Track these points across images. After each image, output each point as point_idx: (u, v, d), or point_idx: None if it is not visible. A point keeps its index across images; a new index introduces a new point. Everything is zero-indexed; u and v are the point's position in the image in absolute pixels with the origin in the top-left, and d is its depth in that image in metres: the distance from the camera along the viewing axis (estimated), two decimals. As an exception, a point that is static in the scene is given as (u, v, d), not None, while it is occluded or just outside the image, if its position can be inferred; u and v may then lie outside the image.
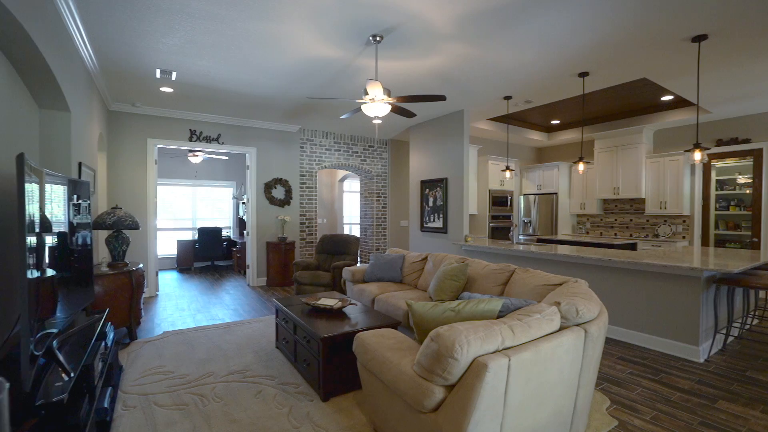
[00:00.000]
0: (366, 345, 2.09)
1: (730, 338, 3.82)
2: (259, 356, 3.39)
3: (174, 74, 4.26)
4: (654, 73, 4.19)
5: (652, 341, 3.57)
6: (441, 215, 6.18)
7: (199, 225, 9.24)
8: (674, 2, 2.79)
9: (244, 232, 7.98)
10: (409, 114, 3.84)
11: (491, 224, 7.22)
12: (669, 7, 2.85)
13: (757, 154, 5.86)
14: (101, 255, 4.70)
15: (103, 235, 4.79)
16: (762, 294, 5.41)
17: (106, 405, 2.14)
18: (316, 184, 7.43)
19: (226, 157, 8.24)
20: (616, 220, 7.51)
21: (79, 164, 3.50)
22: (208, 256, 8.75)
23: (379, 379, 1.93)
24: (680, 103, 6.02)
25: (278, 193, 6.99)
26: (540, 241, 6.55)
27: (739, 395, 2.71)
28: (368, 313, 3.14)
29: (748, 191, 6.23)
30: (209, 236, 8.70)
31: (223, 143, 6.42)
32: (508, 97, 5.09)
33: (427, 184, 6.52)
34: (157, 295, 5.98)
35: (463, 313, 1.89)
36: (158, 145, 5.93)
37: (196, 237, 8.82)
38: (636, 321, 3.70)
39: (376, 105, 3.29)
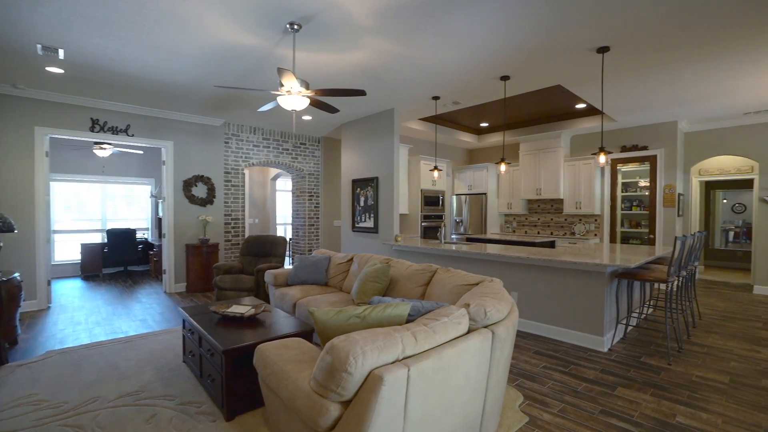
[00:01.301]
0: (266, 358, 1.89)
1: (630, 327, 4.15)
2: (161, 374, 3.02)
3: (61, 52, 3.69)
4: (567, 81, 4.45)
5: (565, 334, 3.76)
6: (372, 215, 6.09)
7: (111, 226, 8.28)
8: (579, 13, 2.93)
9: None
10: (332, 109, 3.68)
11: (423, 224, 7.29)
12: (575, 17, 2.98)
13: (653, 160, 6.51)
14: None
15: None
16: (656, 285, 6.02)
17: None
18: (243, 182, 6.99)
19: (141, 151, 7.46)
20: (539, 219, 7.97)
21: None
22: (121, 261, 7.87)
23: (278, 396, 1.75)
24: (592, 111, 6.52)
25: (199, 191, 6.45)
26: (469, 240, 6.73)
27: (634, 381, 2.91)
28: (284, 320, 2.93)
29: (647, 193, 6.91)
30: (121, 239, 7.82)
31: (133, 135, 5.77)
32: (436, 98, 5.13)
33: (358, 183, 6.40)
34: (48, 307, 5.20)
35: (369, 320, 1.78)
36: (50, 135, 5.16)
37: (106, 240, 7.89)
38: (551, 315, 3.88)
39: (294, 98, 3.09)
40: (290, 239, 8.68)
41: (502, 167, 4.49)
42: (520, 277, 4.11)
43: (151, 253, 7.83)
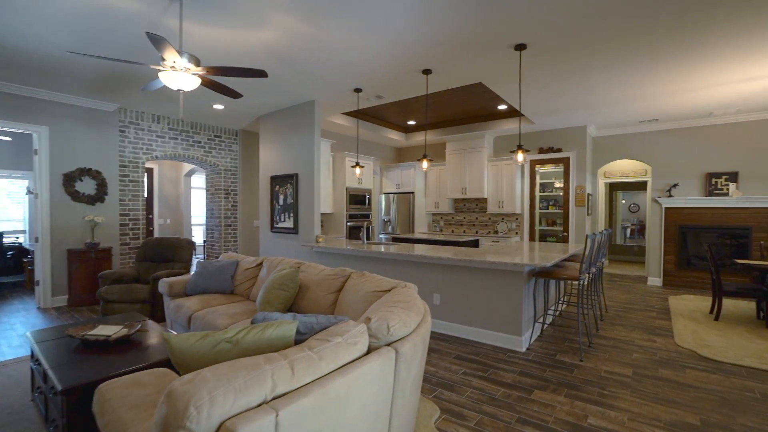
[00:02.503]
0: (105, 402, 1.44)
1: (546, 325, 4.23)
2: (-5, 418, 2.34)
3: None
4: (488, 79, 4.42)
5: (486, 335, 3.69)
6: (292, 214, 5.64)
7: (-30, 229, 6.81)
8: (497, 7, 2.82)
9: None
10: (234, 94, 3.22)
11: (349, 223, 6.99)
12: (493, 10, 2.87)
13: (566, 162, 6.88)
14: None
15: None
16: (570, 282, 6.35)
17: None
18: (143, 177, 6.11)
19: (8, 138, 6.20)
20: (465, 218, 8.08)
21: None
22: (-17, 271, 6.49)
23: (116, 455, 1.32)
24: (513, 113, 6.71)
25: (86, 187, 5.49)
26: (396, 240, 6.57)
27: (549, 381, 2.87)
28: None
29: (561, 193, 7.30)
30: (-16, 244, 6.45)
31: (-11, 117, 4.70)
32: (358, 90, 4.85)
33: (277, 180, 5.91)
34: None
35: (244, 345, 1.41)
36: None
37: (-38, 245, 6.46)
38: (473, 317, 3.79)
39: (179, 75, 2.59)
40: (204, 241, 7.86)
41: (425, 164, 4.34)
42: (443, 278, 3.98)
43: (26, 260, 6.56)
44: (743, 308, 5.00)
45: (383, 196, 8.41)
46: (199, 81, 2.69)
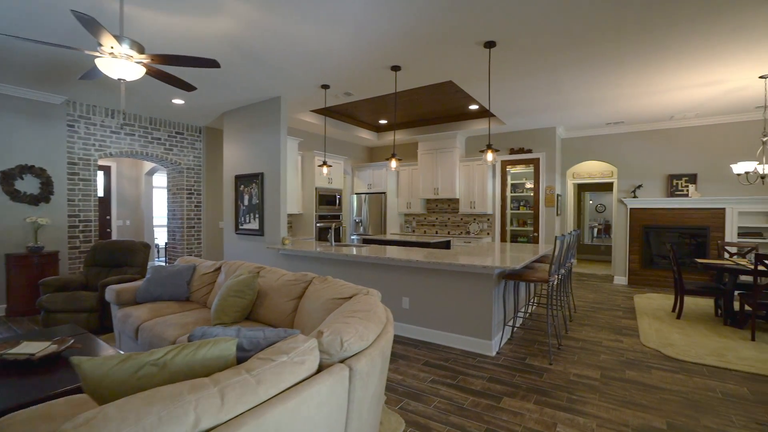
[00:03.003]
0: (3, 441, 1.22)
1: (516, 327, 4.19)
2: None
3: None
4: (458, 77, 4.34)
5: (456, 340, 3.60)
6: (257, 215, 5.39)
7: None
8: (462, 1, 2.73)
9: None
10: (187, 86, 2.98)
11: (318, 224, 6.79)
12: (461, 4, 2.77)
13: (536, 163, 6.94)
14: None
15: None
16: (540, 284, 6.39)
17: None
18: (96, 175, 5.69)
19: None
20: (437, 218, 8.03)
21: None
22: None
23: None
24: (484, 113, 6.69)
25: (28, 185, 5.05)
26: (366, 241, 6.42)
27: (519, 387, 2.80)
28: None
29: (532, 194, 7.36)
30: None
31: None
32: (325, 86, 4.67)
33: (242, 180, 5.63)
34: None
35: (173, 368, 1.23)
36: None
37: None
38: (443, 321, 3.69)
39: (120, 63, 2.34)
40: (165, 244, 7.46)
41: (393, 164, 4.21)
42: (412, 281, 3.86)
43: (-38, 266, 5.98)
44: (703, 306, 5.15)
45: (355, 196, 8.25)
46: (143, 70, 2.45)
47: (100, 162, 7.99)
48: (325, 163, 4.86)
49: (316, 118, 6.57)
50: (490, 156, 3.48)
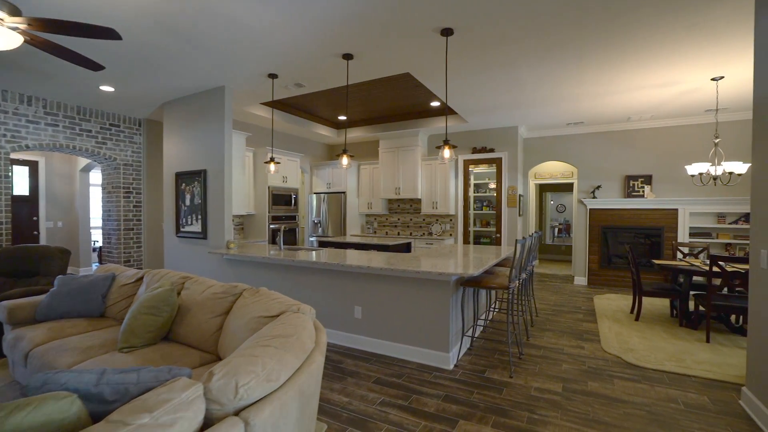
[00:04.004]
0: None
1: (477, 335, 3.97)
2: None
3: None
4: (416, 69, 4.07)
5: (411, 352, 3.31)
6: (200, 216, 4.90)
7: None
8: (418, -27, 2.44)
9: None
10: (87, 63, 2.51)
11: (272, 226, 6.34)
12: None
13: (498, 162, 6.82)
14: None
15: None
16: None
17: None
18: (11, 171, 4.97)
19: None
20: (399, 219, 7.77)
21: None
22: None
23: None
24: (448, 110, 6.48)
25: None
26: (322, 244, 6.05)
27: (476, 407, 2.54)
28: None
29: (495, 194, 7.25)
30: None
31: None
32: (273, 75, 4.26)
33: (183, 178, 5.11)
34: None
35: (-35, 446, 0.84)
36: None
37: None
38: (396, 332, 3.39)
39: (-13, 27, 1.86)
40: (100, 248, 6.74)
41: (344, 160, 3.87)
42: (364, 288, 3.54)
43: None
44: (659, 307, 5.17)
45: (314, 196, 7.84)
46: (20, 38, 1.98)
47: (21, 156, 7.14)
48: (272, 159, 4.44)
49: (269, 112, 6.12)
50: (447, 152, 3.22)
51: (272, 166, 4.40)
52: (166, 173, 5.40)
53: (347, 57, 3.72)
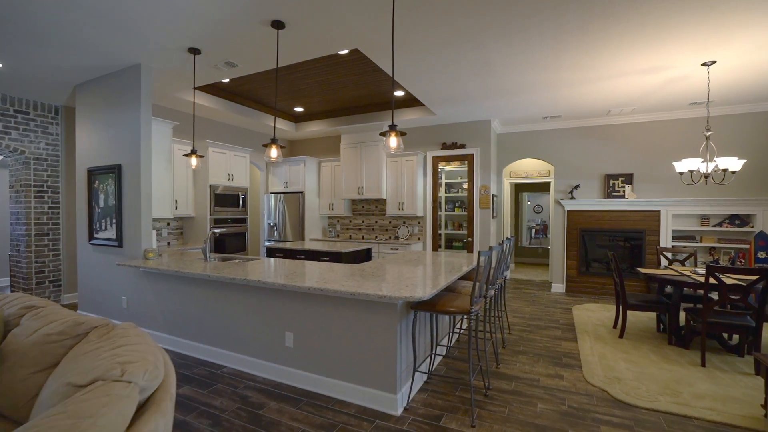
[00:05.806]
0: None
1: (435, 365, 3.33)
2: None
3: None
4: (365, 44, 3.40)
5: (352, 392, 2.64)
6: (115, 221, 4.10)
7: None
8: None
9: None
10: None
11: (216, 230, 5.56)
12: None
13: (470, 159, 6.24)
14: None
15: None
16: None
17: None
18: None
19: None
20: (363, 221, 7.10)
21: None
22: None
23: None
24: (413, 101, 5.86)
25: None
26: (270, 250, 5.31)
27: (424, 478, 1.89)
28: None
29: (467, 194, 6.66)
30: None
31: None
32: (194, 50, 3.52)
33: (96, 174, 4.30)
34: None
35: None
36: None
37: None
38: (334, 366, 2.72)
39: None
40: (9, 256, 5.80)
41: (273, 152, 3.16)
42: (297, 311, 2.85)
43: None
44: (643, 319, 4.68)
45: (271, 196, 7.07)
46: None
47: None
48: (193, 152, 3.69)
49: (209, 100, 5.35)
50: (393, 140, 2.56)
51: (193, 160, 3.66)
52: (79, 169, 4.56)
53: (277, 25, 3.02)
